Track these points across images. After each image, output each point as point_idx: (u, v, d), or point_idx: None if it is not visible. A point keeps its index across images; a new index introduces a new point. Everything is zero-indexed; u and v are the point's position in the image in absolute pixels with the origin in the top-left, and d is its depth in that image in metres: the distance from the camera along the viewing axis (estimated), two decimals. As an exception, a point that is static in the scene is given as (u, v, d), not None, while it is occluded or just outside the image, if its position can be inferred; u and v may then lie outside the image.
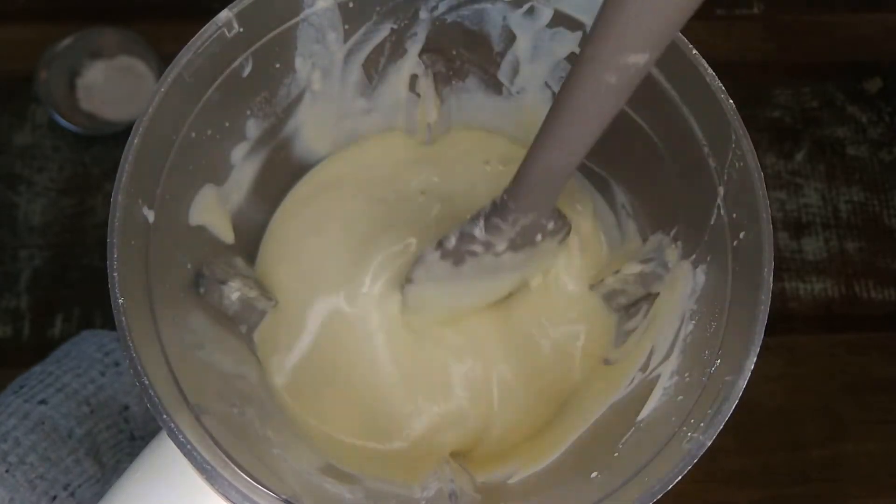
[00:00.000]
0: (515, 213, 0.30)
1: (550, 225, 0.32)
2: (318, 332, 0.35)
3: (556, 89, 0.34)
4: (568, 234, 0.33)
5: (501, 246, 0.31)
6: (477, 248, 0.31)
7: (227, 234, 0.33)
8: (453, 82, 0.36)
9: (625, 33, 0.22)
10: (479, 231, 0.31)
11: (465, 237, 0.31)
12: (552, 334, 0.36)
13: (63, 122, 0.53)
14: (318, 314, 0.35)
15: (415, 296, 0.34)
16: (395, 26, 0.32)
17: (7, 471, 0.33)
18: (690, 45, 0.28)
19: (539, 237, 0.32)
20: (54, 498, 0.35)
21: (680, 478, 0.24)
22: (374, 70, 0.35)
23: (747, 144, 0.27)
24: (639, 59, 0.23)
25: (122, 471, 0.28)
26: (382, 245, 0.36)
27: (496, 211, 0.30)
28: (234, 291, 0.33)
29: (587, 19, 0.30)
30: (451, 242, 0.31)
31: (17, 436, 0.35)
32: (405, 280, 0.33)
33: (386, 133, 0.38)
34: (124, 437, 0.38)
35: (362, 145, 0.38)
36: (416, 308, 0.35)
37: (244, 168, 0.34)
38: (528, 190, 0.29)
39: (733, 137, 0.27)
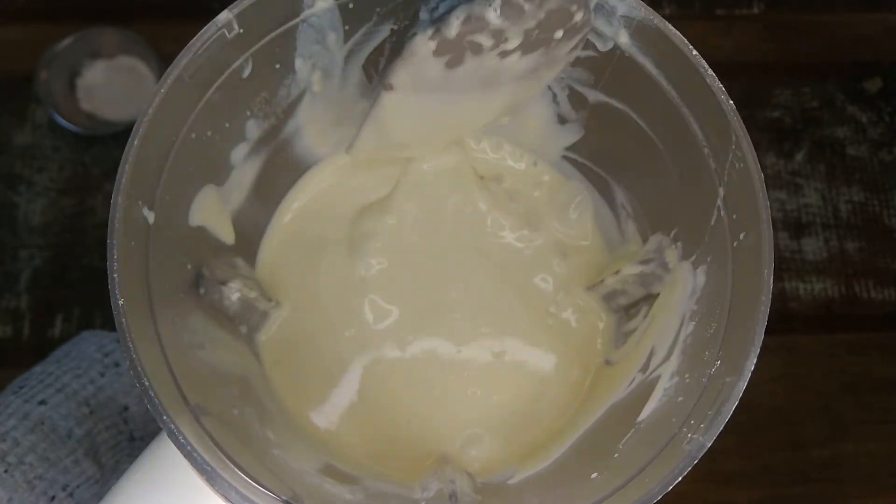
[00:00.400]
0: None
1: (578, 16, 0.26)
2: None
3: (557, 91, 0.34)
4: (585, 36, 0.28)
5: (515, 40, 0.26)
6: (485, 39, 0.26)
7: (227, 235, 0.33)
8: (453, 83, 0.36)
9: None
10: (493, 13, 0.25)
11: (473, 21, 0.25)
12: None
13: (63, 122, 0.53)
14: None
15: (392, 111, 0.28)
16: (396, 27, 0.32)
17: (6, 471, 0.33)
18: (690, 46, 0.28)
19: (559, 33, 0.26)
20: (53, 498, 0.35)
21: (680, 479, 0.24)
22: (375, 71, 0.35)
23: (747, 145, 0.27)
24: None
25: (121, 471, 0.28)
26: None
27: None
28: (235, 292, 0.33)
29: (587, 20, 0.30)
30: (453, 27, 0.25)
31: (16, 436, 0.35)
32: (382, 87, 0.28)
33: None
34: (124, 438, 0.38)
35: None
36: (385, 130, 0.29)
37: (244, 169, 0.34)
38: None
39: (733, 138, 0.27)
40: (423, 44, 0.26)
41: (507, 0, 0.24)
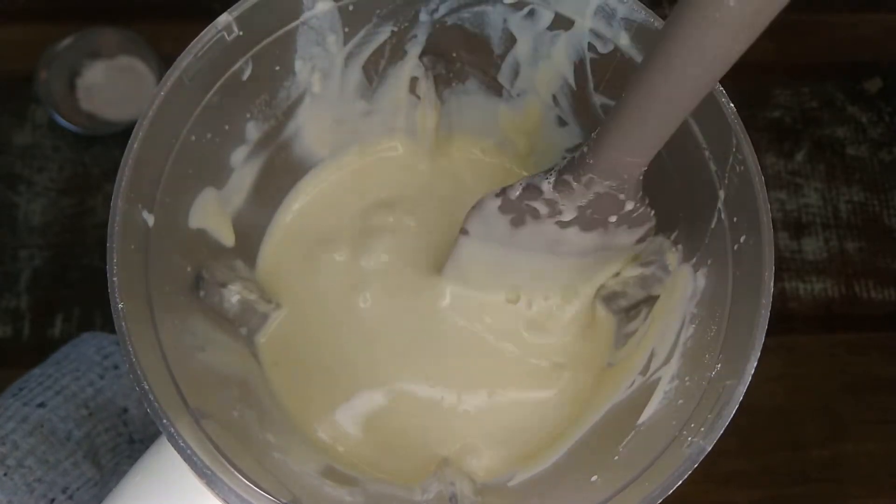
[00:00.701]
0: (592, 171, 0.27)
1: (629, 205, 0.28)
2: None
3: (557, 93, 0.34)
4: (649, 233, 0.31)
5: (569, 214, 0.28)
6: (541, 206, 0.29)
7: (227, 237, 0.33)
8: (453, 84, 0.36)
9: None
10: (546, 185, 0.28)
11: (531, 189, 0.28)
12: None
13: (63, 122, 0.53)
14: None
15: (467, 252, 0.32)
16: (395, 28, 0.32)
17: (5, 474, 0.33)
18: (691, 48, 0.28)
19: (613, 219, 0.29)
20: (52, 501, 0.35)
21: (680, 482, 0.24)
22: (374, 72, 0.35)
23: (748, 148, 0.27)
24: None
25: (120, 474, 0.28)
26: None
27: (570, 166, 0.27)
28: (235, 294, 0.33)
29: (587, 22, 0.30)
30: (515, 191, 0.29)
31: (15, 439, 0.34)
32: (459, 231, 0.31)
33: (387, 138, 0.38)
34: (123, 441, 0.38)
35: (363, 151, 0.38)
36: (461, 270, 0.32)
37: (244, 171, 0.33)
38: (615, 143, 0.26)
39: (734, 141, 0.27)
40: (490, 200, 0.30)
41: (559, 178, 0.28)
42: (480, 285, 0.34)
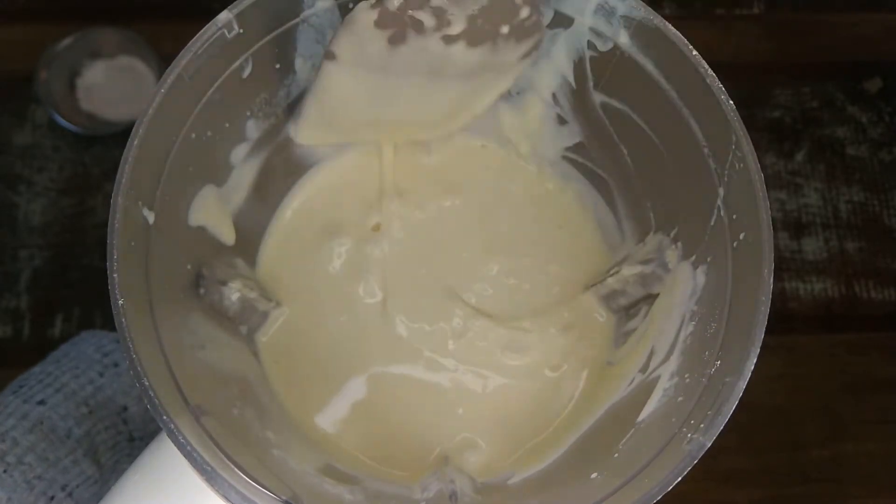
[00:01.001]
0: None
1: (524, 11, 0.26)
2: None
3: (557, 91, 0.34)
4: (539, 43, 0.28)
5: (458, 25, 0.25)
6: (426, 17, 0.25)
7: (227, 235, 0.33)
8: (453, 83, 0.36)
9: None
10: None
11: None
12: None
13: (63, 122, 0.53)
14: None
15: (335, 82, 0.28)
16: (395, 27, 0.32)
17: (5, 471, 0.33)
18: (690, 46, 0.28)
19: (505, 29, 0.26)
20: (52, 498, 0.35)
21: (680, 479, 0.24)
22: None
23: (747, 145, 0.27)
24: None
25: (120, 471, 0.28)
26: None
27: None
28: (235, 292, 0.33)
29: (587, 21, 0.30)
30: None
31: (15, 436, 0.34)
32: (323, 56, 0.28)
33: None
34: (123, 438, 0.38)
35: (363, 149, 0.38)
36: (325, 108, 0.29)
37: (244, 169, 0.34)
38: None
39: (733, 138, 0.27)
40: (363, 11, 0.26)
41: None
42: (348, 128, 0.30)
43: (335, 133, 0.31)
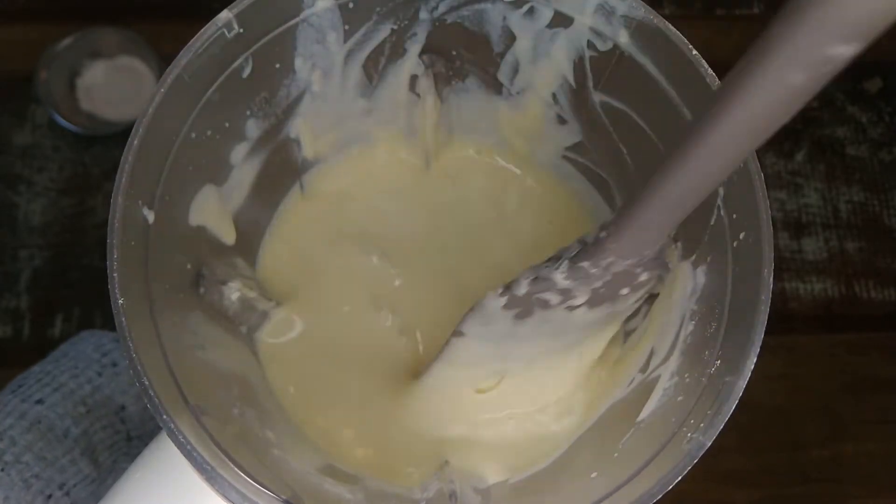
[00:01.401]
0: (614, 254, 0.25)
1: (644, 276, 0.27)
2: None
3: (557, 91, 0.34)
4: (650, 290, 0.28)
5: (582, 297, 0.26)
6: (552, 297, 0.26)
7: (227, 235, 0.33)
8: (453, 82, 0.36)
9: (831, 17, 0.16)
10: (560, 275, 0.26)
11: (541, 282, 0.26)
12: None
13: (63, 122, 0.53)
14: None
15: (461, 352, 0.30)
16: (395, 27, 0.32)
17: (2, 469, 0.33)
18: (690, 46, 0.28)
19: (625, 291, 0.27)
20: (49, 497, 0.35)
21: (680, 478, 0.24)
22: (375, 70, 0.35)
23: (747, 145, 0.27)
24: (843, 51, 0.16)
25: (118, 471, 0.28)
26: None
27: (587, 252, 0.25)
28: (235, 292, 0.33)
29: (587, 20, 0.30)
30: (522, 287, 0.27)
31: (13, 435, 0.35)
32: (453, 333, 0.29)
33: (387, 136, 0.38)
34: (121, 438, 0.38)
35: (363, 149, 0.38)
36: (456, 369, 0.31)
37: (244, 168, 0.34)
38: (641, 225, 0.24)
39: (733, 138, 0.27)
40: (493, 299, 0.27)
41: (574, 266, 0.25)
42: (466, 381, 0.31)
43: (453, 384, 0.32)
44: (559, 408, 0.34)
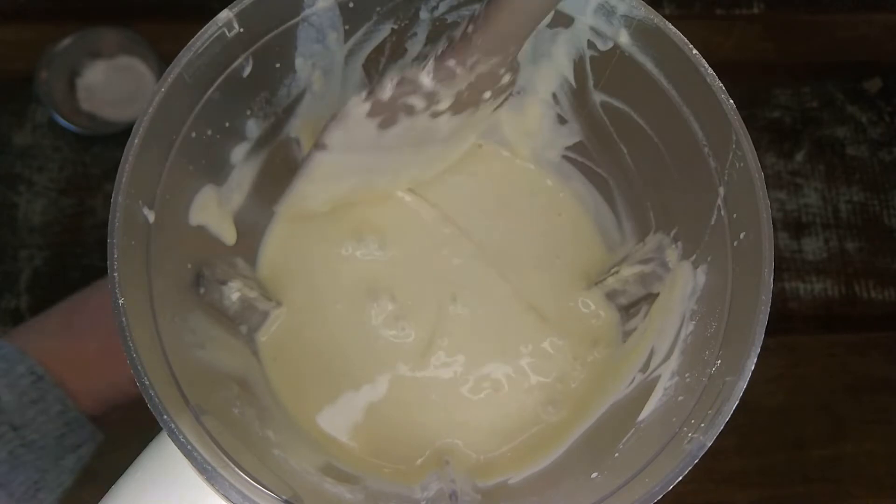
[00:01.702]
0: (480, 53, 0.24)
1: (506, 78, 0.26)
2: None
3: (557, 91, 0.34)
4: (508, 95, 0.28)
5: (446, 102, 0.26)
6: (417, 101, 0.26)
7: (227, 235, 0.33)
8: (453, 82, 0.36)
9: None
10: (426, 77, 0.25)
11: (407, 84, 0.25)
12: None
13: (63, 122, 0.53)
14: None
15: (324, 168, 0.29)
16: (396, 26, 0.32)
17: None
18: (690, 45, 0.28)
19: (487, 95, 0.27)
20: None
21: (680, 478, 0.24)
22: (375, 70, 0.35)
23: (748, 145, 0.27)
24: None
25: (19, 464, 0.27)
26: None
27: (453, 50, 0.25)
28: (235, 292, 0.33)
29: (587, 20, 0.30)
30: (387, 91, 0.26)
31: None
32: (314, 146, 0.28)
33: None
34: (6, 430, 0.37)
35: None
36: (316, 186, 0.30)
37: (245, 168, 0.33)
38: (508, 20, 0.23)
39: (733, 137, 0.27)
40: (356, 105, 0.27)
41: (440, 66, 0.25)
42: (334, 198, 0.30)
43: (320, 205, 0.32)
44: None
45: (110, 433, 0.41)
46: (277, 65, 0.31)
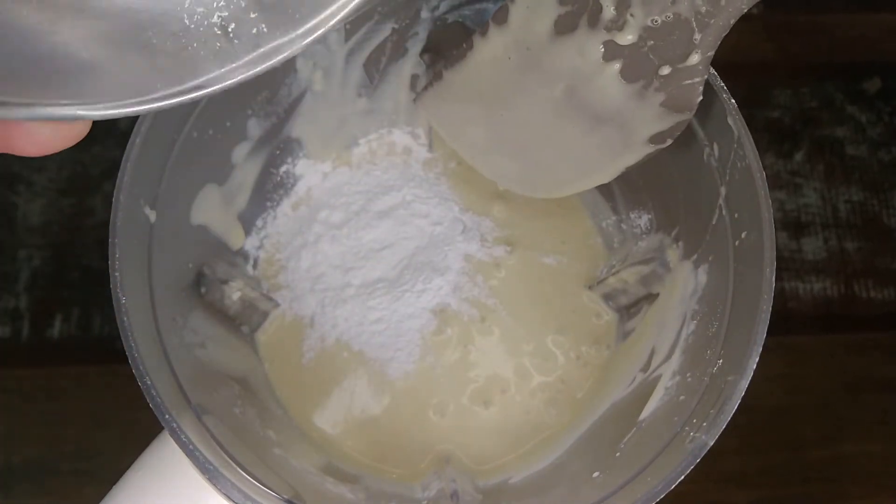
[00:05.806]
0: (692, 11, 0.23)
1: (694, 57, 0.24)
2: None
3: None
4: (677, 127, 0.26)
5: (630, 34, 0.23)
6: (608, 5, 0.23)
7: (229, 234, 0.33)
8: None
9: None
10: None
11: None
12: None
13: (62, 122, 0.53)
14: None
15: (484, 53, 0.26)
16: (397, 26, 0.32)
17: None
18: (691, 45, 0.28)
19: (666, 70, 0.24)
20: None
21: (682, 478, 0.24)
22: (376, 70, 0.35)
23: (749, 144, 0.27)
24: None
25: None
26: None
27: None
28: (236, 291, 0.33)
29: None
30: None
31: None
32: (490, 17, 0.25)
33: (388, 135, 0.38)
34: None
35: (364, 148, 0.38)
36: (454, 92, 0.27)
37: (246, 168, 0.34)
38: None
39: (735, 137, 0.27)
40: None
41: None
42: (457, 132, 0.28)
43: (443, 129, 0.29)
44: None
45: (111, 433, 0.41)
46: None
